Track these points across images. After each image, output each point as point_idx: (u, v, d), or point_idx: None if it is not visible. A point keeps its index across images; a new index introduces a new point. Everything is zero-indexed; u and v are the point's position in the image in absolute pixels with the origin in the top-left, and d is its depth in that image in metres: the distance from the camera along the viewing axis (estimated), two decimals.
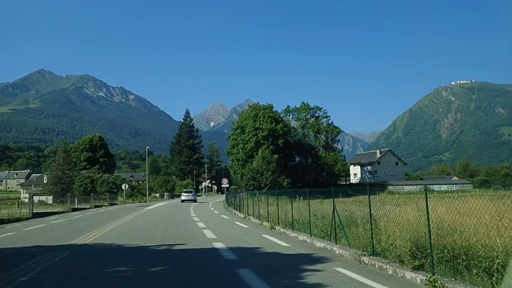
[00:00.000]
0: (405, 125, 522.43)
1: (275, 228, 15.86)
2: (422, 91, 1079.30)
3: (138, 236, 13.76)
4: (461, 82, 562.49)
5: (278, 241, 12.26)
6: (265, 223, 18.19)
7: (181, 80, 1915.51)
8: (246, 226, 18.23)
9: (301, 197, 22.58)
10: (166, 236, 13.95)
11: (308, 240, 12.00)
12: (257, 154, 68.90)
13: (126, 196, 64.81)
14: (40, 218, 25.96)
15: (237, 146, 75.39)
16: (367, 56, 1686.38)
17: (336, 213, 10.33)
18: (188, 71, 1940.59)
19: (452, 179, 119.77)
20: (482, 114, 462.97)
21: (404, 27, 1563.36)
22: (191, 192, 59.20)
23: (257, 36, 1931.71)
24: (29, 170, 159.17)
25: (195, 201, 54.70)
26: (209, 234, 14.35)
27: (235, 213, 28.99)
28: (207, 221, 20.81)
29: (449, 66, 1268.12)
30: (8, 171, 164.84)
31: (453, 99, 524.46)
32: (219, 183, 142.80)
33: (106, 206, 47.18)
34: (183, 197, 54.94)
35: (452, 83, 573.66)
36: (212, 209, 36.31)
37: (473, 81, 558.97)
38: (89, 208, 41.72)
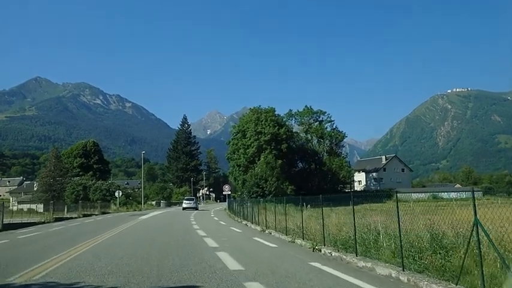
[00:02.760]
0: (402, 132, 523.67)
1: (320, 250, 11.44)
2: (419, 99, 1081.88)
3: (122, 266, 9.06)
4: (457, 90, 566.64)
5: (351, 279, 7.54)
6: (298, 241, 13.80)
7: (178, 88, 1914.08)
8: (273, 245, 13.55)
9: (308, 205, 20.98)
10: (164, 264, 9.29)
11: (403, 278, 7.31)
12: (259, 160, 65.18)
13: (119, 204, 60.36)
14: (10, 231, 21.42)
15: (238, 151, 71.45)
16: (364, 64, 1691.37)
17: (479, 230, 5.77)
18: (185, 78, 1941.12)
19: (456, 186, 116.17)
20: (479, 122, 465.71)
21: (400, 36, 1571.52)
22: (192, 199, 58.57)
23: (254, 43, 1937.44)
24: (21, 177, 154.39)
25: (196, 208, 54.08)
26: (229, 261, 9.77)
27: (246, 225, 24.25)
28: (217, 237, 16.22)
29: (446, 74, 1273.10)
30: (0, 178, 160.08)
31: (449, 107, 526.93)
32: (217, 191, 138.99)
33: (97, 214, 42.66)
34: (184, 205, 54.27)
35: (449, 90, 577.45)
36: (216, 218, 31.74)
37: (469, 89, 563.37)
38: (76, 218, 37.06)
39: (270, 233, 17.89)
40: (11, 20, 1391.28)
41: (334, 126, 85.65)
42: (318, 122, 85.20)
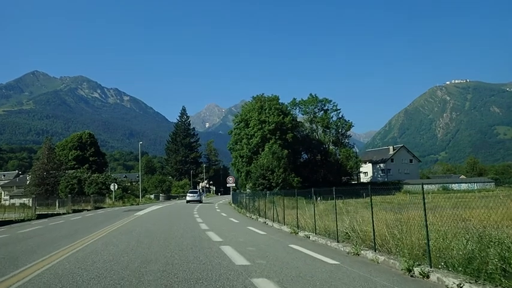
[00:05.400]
0: (401, 124, 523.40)
1: (427, 276, 6.74)
2: (418, 91, 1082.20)
3: None
4: (456, 81, 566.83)
5: None
6: (368, 253, 9.14)
7: (177, 81, 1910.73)
8: (331, 260, 8.80)
9: (320, 198, 19.36)
10: None
11: None
12: (263, 150, 61.73)
13: (115, 198, 56.70)
14: None
15: (241, 142, 68.01)
16: (362, 57, 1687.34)
17: None
18: (183, 71, 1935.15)
19: (460, 177, 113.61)
20: (478, 114, 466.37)
21: (399, 28, 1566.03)
22: (196, 192, 56.80)
23: (251, 38, 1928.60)
24: (17, 171, 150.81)
25: (200, 201, 53.35)
26: None
27: (265, 223, 19.63)
28: (238, 244, 11.64)
29: (444, 65, 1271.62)
30: None
31: (448, 98, 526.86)
32: (217, 184, 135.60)
33: (89, 210, 38.64)
34: (188, 198, 53.13)
35: (447, 82, 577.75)
36: (224, 214, 27.62)
37: (468, 80, 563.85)
38: (64, 214, 33.16)
39: (308, 237, 13.28)
40: (9, 14, 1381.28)
41: (340, 115, 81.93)
42: (323, 111, 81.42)
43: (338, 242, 11.20)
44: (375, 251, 9.11)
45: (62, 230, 17.40)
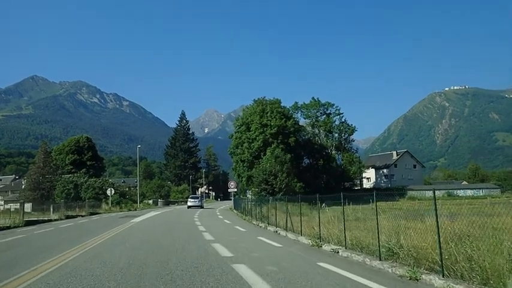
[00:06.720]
0: (400, 130, 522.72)
1: None
2: (417, 97, 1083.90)
3: None
4: (455, 88, 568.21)
5: None
6: (431, 278, 6.91)
7: (176, 86, 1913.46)
8: None
9: (324, 204, 18.68)
10: None
11: None
12: (265, 154, 59.87)
13: (112, 203, 54.68)
14: None
15: (242, 146, 66.16)
16: (361, 62, 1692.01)
17: None
18: (183, 77, 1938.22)
19: (462, 183, 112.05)
20: (477, 120, 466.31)
21: (397, 33, 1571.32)
22: (197, 198, 57.80)
23: (252, 42, 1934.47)
24: (13, 176, 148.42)
25: (201, 207, 54.15)
26: None
27: (277, 232, 17.19)
28: (252, 259, 9.51)
29: (443, 71, 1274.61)
30: None
31: (447, 104, 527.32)
32: (216, 189, 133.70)
33: (83, 216, 36.59)
34: (189, 203, 54.01)
35: (446, 88, 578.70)
36: (228, 221, 25.55)
37: (467, 86, 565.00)
38: (55, 220, 31.09)
39: (336, 252, 10.79)
40: (8, 19, 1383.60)
41: (343, 120, 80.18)
42: (325, 115, 79.65)
43: (381, 260, 8.80)
44: (443, 277, 6.80)
45: (47, 240, 15.38)
